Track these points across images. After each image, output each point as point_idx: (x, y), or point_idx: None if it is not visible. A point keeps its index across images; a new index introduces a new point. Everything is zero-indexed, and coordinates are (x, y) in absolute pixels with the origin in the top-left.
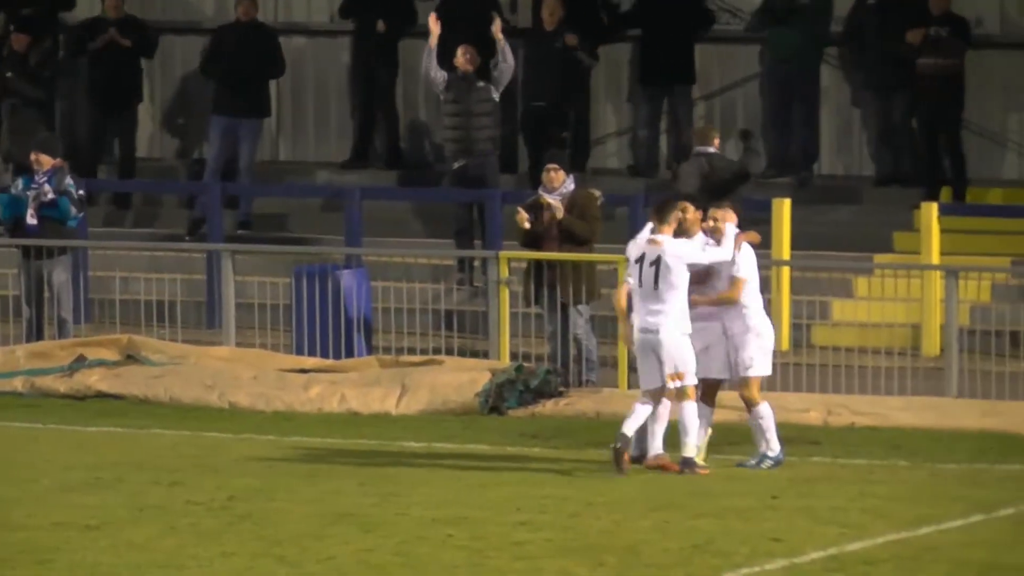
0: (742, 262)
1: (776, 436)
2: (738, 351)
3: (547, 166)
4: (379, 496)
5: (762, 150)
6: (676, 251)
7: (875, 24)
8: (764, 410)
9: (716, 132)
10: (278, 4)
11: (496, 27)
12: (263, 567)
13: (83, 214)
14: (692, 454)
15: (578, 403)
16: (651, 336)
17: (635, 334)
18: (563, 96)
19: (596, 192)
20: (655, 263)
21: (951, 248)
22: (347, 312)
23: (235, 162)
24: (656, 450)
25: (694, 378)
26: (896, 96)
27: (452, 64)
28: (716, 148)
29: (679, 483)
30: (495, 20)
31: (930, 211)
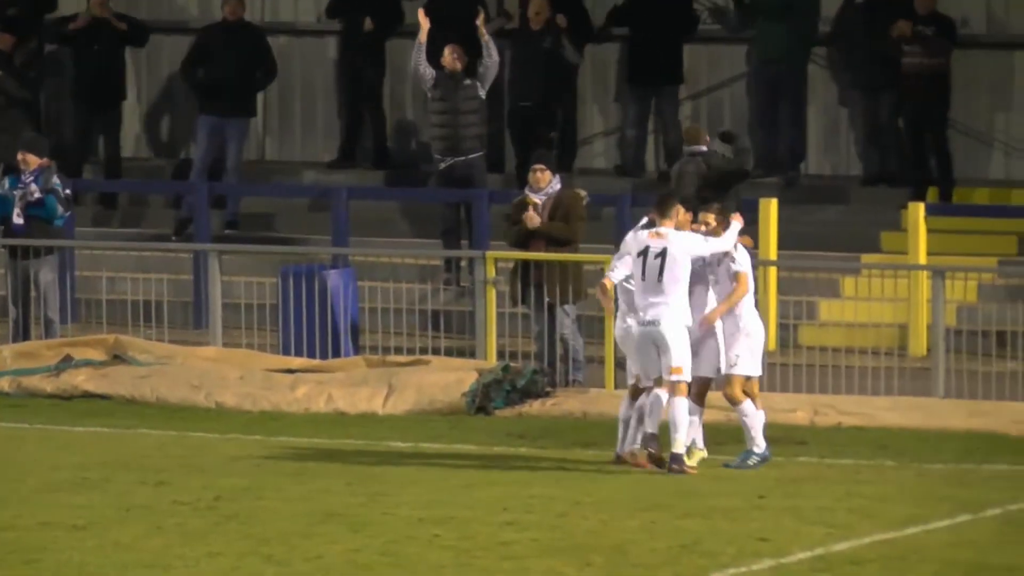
0: (740, 258)
1: (762, 433)
2: (727, 349)
3: (533, 166)
4: (366, 496)
5: (749, 145)
6: (681, 244)
7: (863, 23)
8: (747, 407)
9: (704, 131)
10: (265, 4)
11: (481, 23)
12: (250, 567)
13: (69, 213)
14: (681, 451)
15: (565, 403)
16: (653, 328)
17: (634, 328)
18: (550, 96)
19: (582, 192)
20: (660, 255)
21: (938, 248)
22: (334, 312)
23: (222, 162)
24: (633, 444)
25: (690, 375)
26: (883, 96)
27: (440, 63)
28: (707, 147)
29: (666, 483)
30: (480, 16)
31: (917, 211)
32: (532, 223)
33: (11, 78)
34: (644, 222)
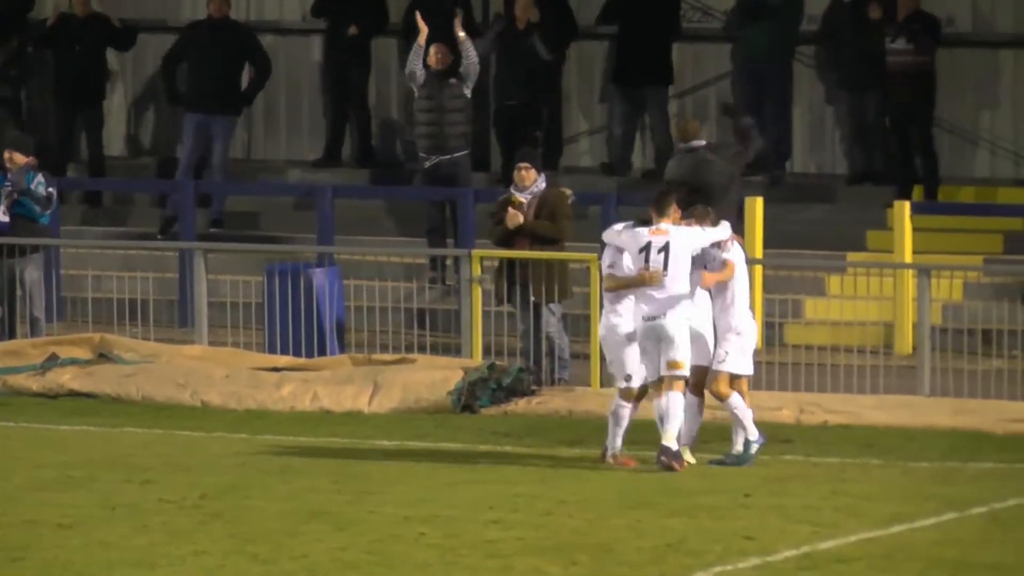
0: (733, 249)
1: (752, 421)
2: (717, 346)
3: (518, 165)
4: (352, 494)
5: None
6: (683, 238)
7: (851, 22)
8: (735, 400)
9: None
10: (250, 3)
11: (458, 25)
12: (235, 565)
13: (51, 211)
14: (672, 444)
15: (551, 401)
16: (656, 323)
17: (641, 323)
18: (535, 94)
19: (567, 191)
20: (663, 250)
21: (923, 246)
22: (319, 310)
23: (207, 160)
24: (614, 449)
25: (687, 371)
26: (869, 95)
27: (425, 63)
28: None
29: (652, 482)
30: (457, 17)
31: (903, 209)
32: (513, 222)
33: None
34: (631, 223)
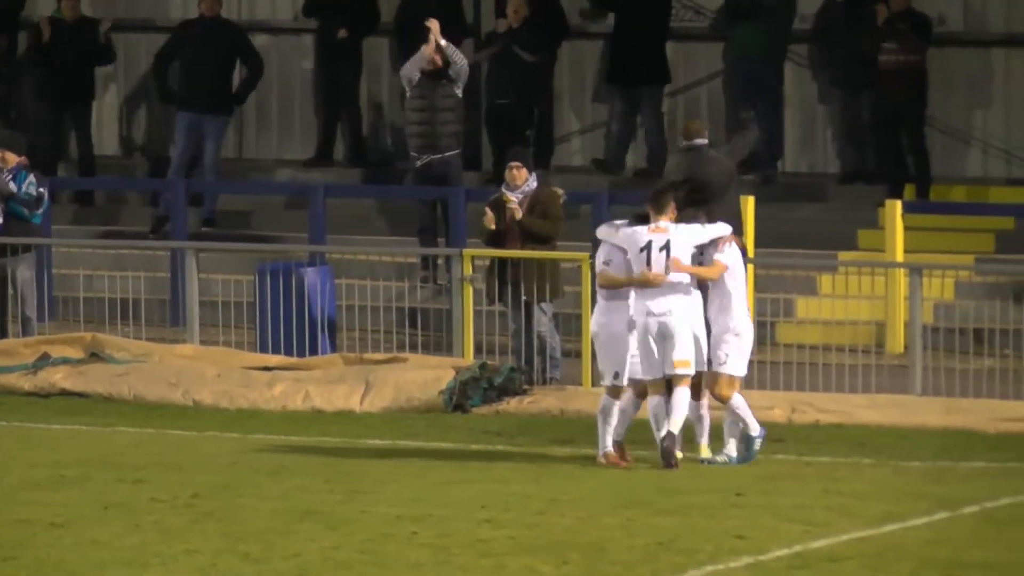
0: (728, 251)
1: (752, 416)
2: (716, 347)
3: (509, 164)
4: (344, 494)
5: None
6: (683, 236)
7: (845, 21)
8: (737, 401)
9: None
10: (242, 2)
11: (436, 33)
12: (227, 564)
13: (42, 210)
14: (676, 430)
15: (542, 400)
16: (663, 319)
17: (644, 319)
18: (526, 94)
19: (559, 190)
20: (665, 248)
21: (915, 246)
22: (311, 310)
23: (199, 159)
24: (605, 447)
25: (693, 370)
26: (862, 94)
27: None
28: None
29: (644, 481)
30: (434, 27)
31: (894, 209)
32: (516, 214)
33: None
34: (626, 221)
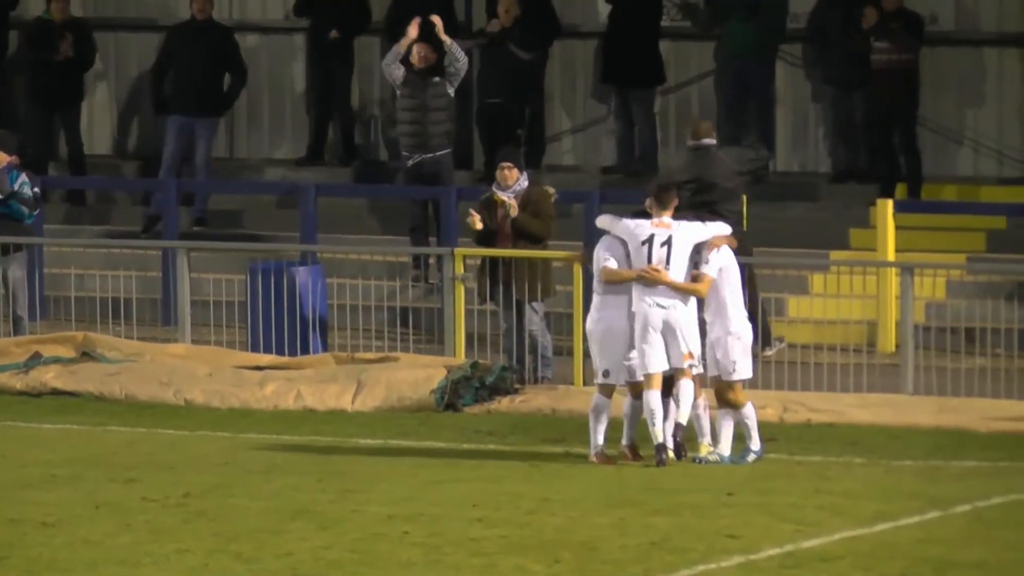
0: (713, 259)
1: (758, 432)
2: (723, 355)
3: (500, 164)
4: (336, 493)
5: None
6: (685, 232)
7: (840, 21)
8: (749, 410)
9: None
10: (233, 2)
11: (439, 30)
12: (219, 563)
13: (38, 212)
14: (685, 420)
15: (534, 400)
16: (669, 312)
17: (648, 310)
18: (518, 93)
19: (550, 189)
20: (667, 243)
21: (907, 245)
22: (302, 309)
23: (191, 159)
24: (598, 446)
25: (698, 362)
26: (854, 93)
27: (407, 61)
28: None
29: (636, 480)
30: (438, 24)
31: (886, 208)
32: (512, 211)
33: None
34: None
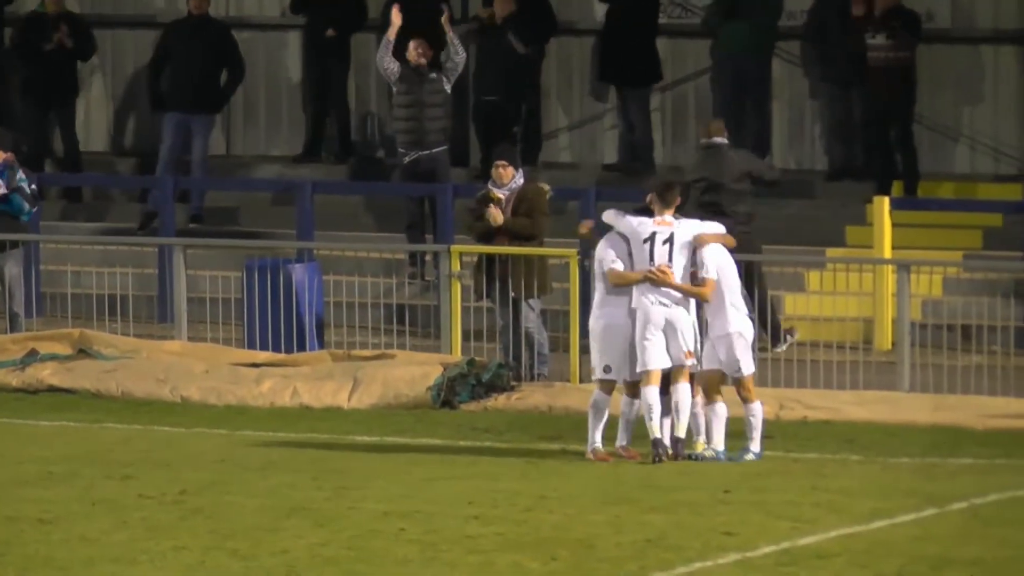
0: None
1: (761, 435)
2: (727, 354)
3: (495, 162)
4: (332, 490)
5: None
6: (687, 230)
7: (838, 18)
8: (757, 408)
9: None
10: None
11: (445, 21)
12: (215, 561)
13: (36, 208)
14: (683, 433)
15: (530, 397)
16: (672, 309)
17: (650, 307)
18: (514, 90)
19: (545, 186)
20: (668, 241)
21: (903, 242)
22: (299, 306)
23: (187, 156)
24: (595, 443)
25: (697, 361)
26: (851, 91)
27: (404, 57)
28: (725, 139)
29: (632, 477)
30: (444, 15)
31: (882, 205)
32: (495, 221)
33: None
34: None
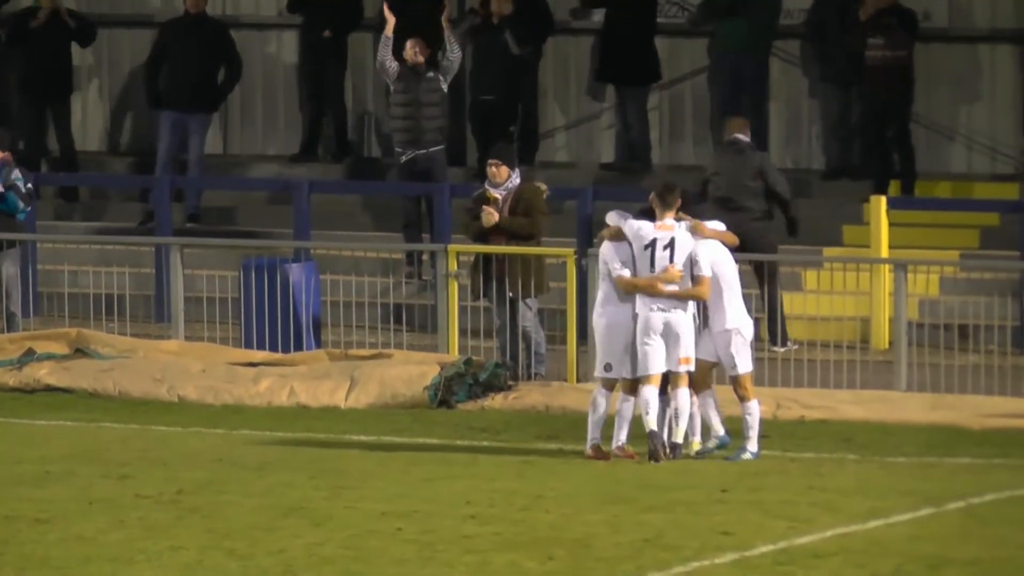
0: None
1: (758, 435)
2: (723, 350)
3: (489, 161)
4: (329, 489)
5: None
6: (686, 234)
7: (837, 17)
8: (754, 407)
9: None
10: None
11: (445, 19)
12: (212, 560)
13: (31, 207)
14: (681, 439)
15: (527, 396)
16: (671, 315)
17: (649, 313)
18: (511, 89)
19: (542, 186)
20: (669, 245)
21: (900, 241)
22: (296, 305)
23: (184, 156)
24: (594, 440)
25: (693, 367)
26: (848, 90)
27: (401, 56)
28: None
29: (629, 477)
30: (444, 12)
31: (879, 205)
32: (488, 221)
33: None
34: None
